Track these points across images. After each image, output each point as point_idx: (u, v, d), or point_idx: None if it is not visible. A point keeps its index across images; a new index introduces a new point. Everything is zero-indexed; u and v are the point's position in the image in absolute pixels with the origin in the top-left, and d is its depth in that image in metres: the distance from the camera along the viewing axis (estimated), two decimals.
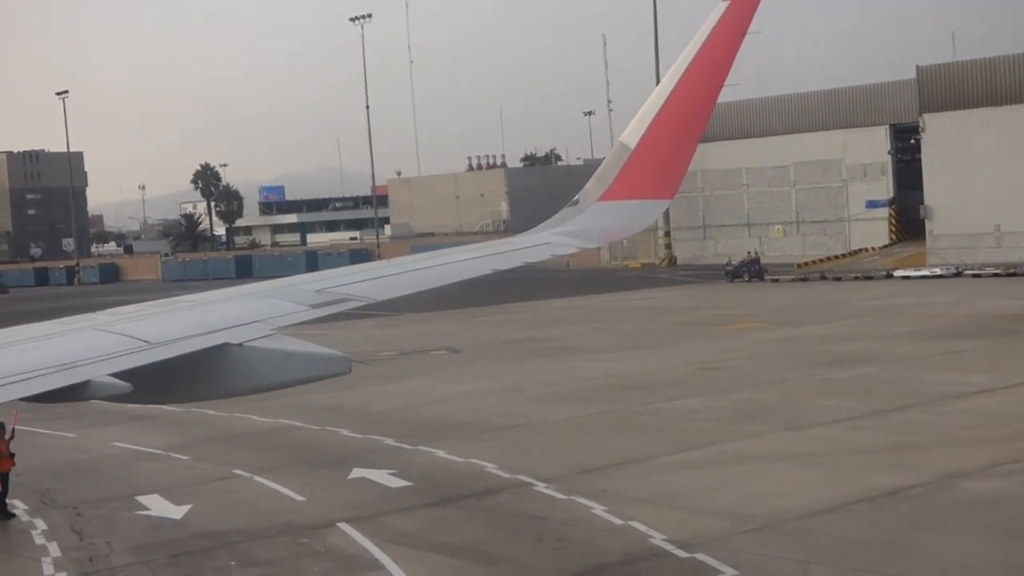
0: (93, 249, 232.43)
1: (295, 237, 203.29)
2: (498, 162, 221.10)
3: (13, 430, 25.86)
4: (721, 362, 43.11)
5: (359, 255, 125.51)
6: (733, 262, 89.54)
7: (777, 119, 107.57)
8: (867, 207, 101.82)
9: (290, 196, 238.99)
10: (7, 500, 25.72)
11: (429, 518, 23.15)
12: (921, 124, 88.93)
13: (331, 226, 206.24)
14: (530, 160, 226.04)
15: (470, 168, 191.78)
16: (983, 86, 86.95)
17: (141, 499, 26.36)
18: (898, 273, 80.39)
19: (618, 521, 21.71)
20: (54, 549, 22.62)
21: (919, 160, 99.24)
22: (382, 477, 26.98)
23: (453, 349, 52.90)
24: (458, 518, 23.04)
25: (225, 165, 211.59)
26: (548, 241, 17.53)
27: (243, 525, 23.53)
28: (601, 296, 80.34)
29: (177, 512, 24.94)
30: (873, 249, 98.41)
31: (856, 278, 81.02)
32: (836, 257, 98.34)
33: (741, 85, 18.69)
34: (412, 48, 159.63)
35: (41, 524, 24.69)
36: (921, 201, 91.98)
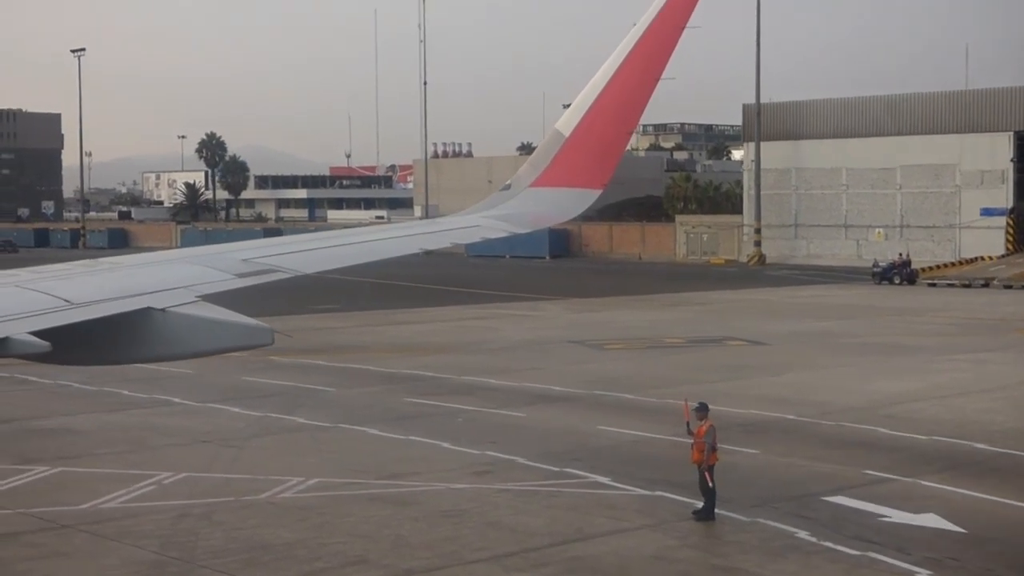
0: (65, 214, 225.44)
1: (301, 213, 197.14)
2: (464, 150, 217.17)
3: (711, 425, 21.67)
4: None
5: None
6: (880, 263, 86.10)
7: (888, 119, 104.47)
8: (982, 215, 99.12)
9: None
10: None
11: None
12: None
13: (351, 204, 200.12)
14: (526, 149, 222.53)
15: (435, 155, 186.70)
16: None
17: (831, 500, 22.43)
18: None
19: None
20: (867, 554, 18.84)
21: None
22: None
23: (753, 340, 48.81)
24: None
25: (186, 136, 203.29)
26: (478, 224, 17.50)
27: None
28: (755, 291, 76.48)
29: (935, 522, 21.04)
30: (991, 258, 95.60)
31: None
32: (951, 264, 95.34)
33: (670, 76, 17.65)
34: (419, 28, 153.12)
35: (777, 524, 20.75)
36: None
